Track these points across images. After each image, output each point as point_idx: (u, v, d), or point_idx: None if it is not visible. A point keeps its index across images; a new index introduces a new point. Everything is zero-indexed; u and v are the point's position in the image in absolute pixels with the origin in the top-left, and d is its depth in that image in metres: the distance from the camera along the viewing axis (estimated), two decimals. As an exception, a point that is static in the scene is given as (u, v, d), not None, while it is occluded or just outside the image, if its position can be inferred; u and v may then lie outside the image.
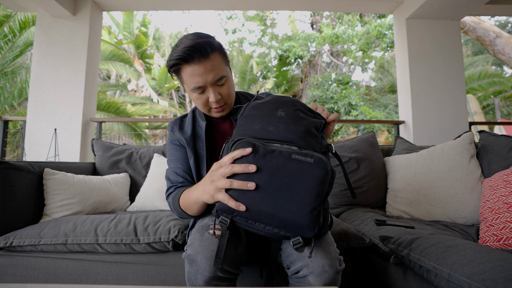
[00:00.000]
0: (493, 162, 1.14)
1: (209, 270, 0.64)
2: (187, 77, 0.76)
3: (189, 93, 0.80)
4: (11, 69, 5.45)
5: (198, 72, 0.74)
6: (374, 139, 1.54)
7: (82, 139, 2.74)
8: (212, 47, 0.74)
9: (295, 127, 0.62)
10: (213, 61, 0.74)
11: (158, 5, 3.11)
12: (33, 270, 1.02)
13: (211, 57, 0.74)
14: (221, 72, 0.76)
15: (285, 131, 0.61)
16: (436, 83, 2.93)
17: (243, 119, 0.69)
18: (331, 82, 8.84)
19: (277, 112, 0.65)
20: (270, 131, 0.62)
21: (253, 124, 0.65)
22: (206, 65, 0.73)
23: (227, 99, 0.81)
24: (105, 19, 9.70)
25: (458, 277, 0.62)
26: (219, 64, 0.76)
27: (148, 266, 1.01)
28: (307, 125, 0.63)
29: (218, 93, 0.78)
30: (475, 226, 1.08)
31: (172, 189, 0.86)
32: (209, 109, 0.82)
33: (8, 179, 1.11)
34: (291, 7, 3.26)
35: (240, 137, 0.64)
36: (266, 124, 0.63)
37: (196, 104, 0.83)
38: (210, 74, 0.74)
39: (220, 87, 0.79)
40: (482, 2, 2.68)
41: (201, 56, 0.72)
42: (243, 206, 0.57)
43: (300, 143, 0.59)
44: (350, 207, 1.43)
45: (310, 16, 10.98)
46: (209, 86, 0.76)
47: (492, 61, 10.13)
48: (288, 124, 0.62)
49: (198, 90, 0.77)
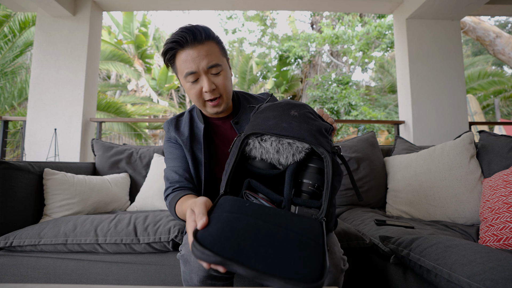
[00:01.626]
0: (493, 162, 1.14)
1: (203, 269, 0.63)
2: (180, 64, 0.73)
3: (183, 83, 0.77)
4: (11, 69, 5.45)
5: (191, 56, 0.72)
6: (374, 139, 1.54)
7: (82, 139, 2.74)
8: (207, 34, 0.73)
9: (307, 125, 0.62)
10: (208, 46, 0.73)
11: (158, 5, 3.12)
12: (33, 270, 1.02)
13: (206, 43, 0.73)
14: (216, 59, 0.74)
15: (298, 128, 0.61)
16: (436, 83, 2.93)
17: (257, 116, 0.69)
18: (331, 82, 8.84)
19: (290, 111, 0.66)
20: (283, 127, 0.61)
21: (266, 120, 0.65)
22: (200, 50, 0.72)
23: (223, 92, 0.78)
24: (105, 19, 9.71)
25: (458, 277, 0.62)
26: (215, 52, 0.74)
27: (148, 266, 1.01)
28: (318, 125, 0.64)
29: (213, 82, 0.75)
30: (475, 226, 1.08)
31: (170, 190, 0.82)
32: (203, 103, 0.79)
33: (8, 179, 1.10)
34: (291, 7, 3.26)
35: (253, 130, 0.63)
36: (280, 121, 0.63)
37: (190, 97, 0.79)
38: (204, 59, 0.72)
39: (215, 77, 0.76)
40: (482, 2, 2.68)
41: (195, 40, 0.71)
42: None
43: (311, 140, 0.59)
44: (350, 207, 1.43)
45: (310, 16, 10.98)
46: (202, 73, 0.73)
47: (492, 61, 10.13)
48: (301, 123, 0.62)
49: (191, 77, 0.73)
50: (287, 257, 0.39)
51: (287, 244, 0.42)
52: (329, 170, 0.56)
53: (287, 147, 0.59)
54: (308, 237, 0.45)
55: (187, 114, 0.90)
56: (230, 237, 0.41)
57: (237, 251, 0.39)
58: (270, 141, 0.60)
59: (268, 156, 0.61)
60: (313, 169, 0.60)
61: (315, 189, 0.59)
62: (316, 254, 0.42)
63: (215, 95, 0.76)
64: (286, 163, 0.60)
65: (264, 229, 0.43)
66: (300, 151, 0.59)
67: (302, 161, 0.60)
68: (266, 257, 0.39)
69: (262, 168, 0.63)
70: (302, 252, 0.41)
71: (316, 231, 0.48)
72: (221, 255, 0.38)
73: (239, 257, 0.38)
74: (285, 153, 0.59)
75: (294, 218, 0.50)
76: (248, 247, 0.40)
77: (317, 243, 0.44)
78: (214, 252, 0.38)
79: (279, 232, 0.43)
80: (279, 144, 0.60)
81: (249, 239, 0.41)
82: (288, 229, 0.45)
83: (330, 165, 0.57)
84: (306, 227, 0.47)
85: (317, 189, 0.59)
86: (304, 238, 0.44)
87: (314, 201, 0.58)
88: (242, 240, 0.41)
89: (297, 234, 0.44)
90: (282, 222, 0.47)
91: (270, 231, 0.43)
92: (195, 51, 0.71)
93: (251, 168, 0.63)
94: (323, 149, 0.58)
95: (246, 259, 0.38)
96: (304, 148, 0.59)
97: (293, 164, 0.60)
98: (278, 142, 0.60)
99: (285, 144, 0.60)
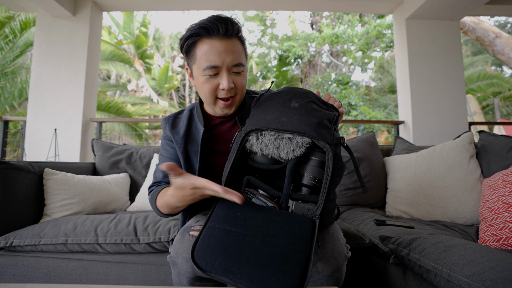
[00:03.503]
0: (493, 162, 1.14)
1: (190, 271, 0.63)
2: (201, 54, 0.67)
3: (196, 75, 0.71)
4: (12, 69, 5.45)
5: (218, 48, 0.66)
6: (374, 139, 1.54)
7: (82, 139, 2.74)
8: (238, 31, 0.69)
9: (308, 118, 0.61)
10: (236, 44, 0.69)
11: (158, 5, 3.12)
12: (33, 270, 1.02)
13: (234, 39, 0.68)
14: (241, 58, 0.69)
15: (298, 122, 0.60)
16: (436, 83, 2.94)
17: (257, 109, 0.68)
18: (331, 82, 8.85)
19: (290, 103, 0.64)
20: (283, 122, 0.61)
21: (266, 114, 0.64)
22: (228, 44, 0.66)
23: (239, 92, 0.73)
24: (105, 19, 9.71)
25: (458, 277, 0.62)
26: (240, 51, 0.70)
27: (148, 266, 1.01)
28: (320, 116, 0.62)
29: (232, 81, 0.70)
30: (474, 226, 1.08)
31: (155, 187, 0.81)
32: (215, 100, 0.72)
33: (8, 179, 1.11)
34: (291, 7, 3.26)
35: (253, 127, 0.62)
36: (280, 115, 0.62)
37: (202, 91, 0.72)
38: (230, 55, 0.67)
39: (236, 76, 0.70)
40: (482, 3, 2.68)
41: (227, 33, 0.66)
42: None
43: (312, 134, 0.58)
44: (350, 207, 1.43)
45: (310, 16, 10.99)
46: (224, 69, 0.68)
47: (491, 61, 10.14)
48: (301, 116, 0.61)
49: (211, 70, 0.67)
50: (269, 272, 0.45)
51: (271, 259, 0.47)
52: (330, 164, 0.56)
53: (287, 142, 0.59)
54: (294, 247, 0.49)
55: (187, 112, 0.84)
56: (220, 255, 0.48)
57: (225, 269, 0.47)
58: (270, 136, 0.60)
59: (269, 152, 0.60)
60: (314, 162, 0.59)
61: (315, 182, 0.58)
62: (299, 266, 0.47)
63: (231, 94, 0.71)
64: (287, 158, 0.59)
65: (250, 244, 0.49)
66: (300, 146, 0.58)
67: (304, 153, 0.59)
68: (250, 274, 0.45)
69: (264, 163, 0.62)
70: (285, 266, 0.46)
71: (306, 235, 0.51)
72: (211, 272, 0.47)
73: (227, 274, 0.46)
74: (285, 149, 0.58)
75: (284, 224, 0.53)
76: (235, 264, 0.47)
77: (302, 253, 0.48)
78: (204, 271, 0.47)
79: (265, 247, 0.49)
80: (278, 139, 0.59)
81: (236, 256, 0.48)
82: (275, 240, 0.50)
83: (331, 159, 0.56)
84: (295, 234, 0.51)
85: (318, 183, 0.58)
86: (290, 249, 0.49)
87: (313, 195, 0.58)
88: (230, 258, 0.47)
89: (282, 247, 0.49)
90: (270, 231, 0.51)
91: (256, 247, 0.49)
92: (223, 45, 0.66)
93: (252, 164, 0.63)
94: (324, 142, 0.57)
95: (232, 276, 0.46)
96: (304, 143, 0.58)
97: (293, 159, 0.59)
98: (278, 137, 0.59)
99: (285, 139, 0.59)
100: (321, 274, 0.63)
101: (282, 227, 0.52)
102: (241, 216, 0.54)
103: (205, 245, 0.50)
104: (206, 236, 0.51)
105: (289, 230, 0.52)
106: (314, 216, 0.54)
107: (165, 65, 9.01)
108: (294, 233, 0.51)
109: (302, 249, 0.49)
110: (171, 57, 10.83)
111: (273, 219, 0.54)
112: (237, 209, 0.55)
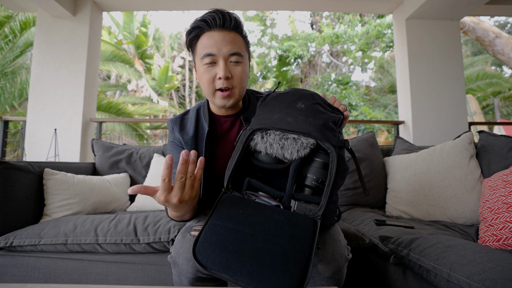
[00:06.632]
0: (493, 162, 1.14)
1: (191, 271, 0.63)
2: (201, 46, 0.70)
3: (198, 66, 0.73)
4: (12, 70, 5.45)
5: (215, 38, 0.69)
6: (374, 139, 1.54)
7: (82, 139, 2.74)
8: (237, 25, 0.71)
9: (314, 120, 0.61)
10: (234, 36, 0.71)
11: (158, 5, 3.12)
12: (33, 270, 1.02)
13: (233, 32, 0.71)
14: (238, 49, 0.71)
15: (303, 123, 0.60)
16: (436, 83, 2.94)
17: (263, 108, 0.68)
18: (331, 82, 8.85)
19: (296, 104, 0.64)
20: (289, 122, 0.61)
21: (272, 114, 0.64)
22: (226, 35, 0.69)
23: (237, 84, 0.74)
24: (105, 19, 9.70)
25: (458, 277, 0.62)
26: (239, 43, 0.72)
27: (148, 266, 1.01)
28: (325, 118, 0.62)
29: (229, 71, 0.71)
30: (474, 226, 1.08)
31: None
32: (213, 91, 0.74)
33: (8, 179, 1.11)
34: (291, 7, 3.26)
35: (259, 126, 0.62)
36: (285, 115, 0.62)
37: (202, 82, 0.74)
38: (227, 45, 0.69)
39: (234, 65, 0.72)
40: (482, 2, 2.68)
41: (224, 25, 0.69)
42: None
43: (317, 135, 0.58)
44: (350, 207, 1.43)
45: (310, 16, 10.99)
46: (221, 58, 0.70)
47: (491, 61, 10.14)
48: (307, 117, 0.61)
49: (208, 58, 0.70)
50: (269, 271, 0.45)
51: (271, 258, 0.47)
52: (334, 166, 0.56)
53: (291, 143, 0.59)
54: (295, 247, 0.49)
55: (194, 112, 0.85)
56: (221, 252, 0.48)
57: (226, 266, 0.46)
58: (275, 136, 0.60)
59: (273, 151, 0.60)
60: (318, 163, 0.59)
61: (318, 184, 0.58)
62: (299, 267, 0.46)
63: (228, 85, 0.72)
64: (291, 158, 0.59)
65: (252, 243, 0.49)
66: (305, 147, 0.58)
67: (308, 154, 0.59)
68: (250, 272, 0.45)
69: (268, 162, 0.62)
70: (285, 265, 0.46)
71: (307, 236, 0.51)
72: (212, 269, 0.47)
73: (227, 271, 0.46)
74: (289, 149, 0.59)
75: (286, 223, 0.52)
76: (236, 262, 0.46)
77: (303, 253, 0.48)
78: (204, 267, 0.47)
79: (265, 246, 0.49)
80: (283, 139, 0.59)
81: (237, 254, 0.47)
82: (276, 239, 0.50)
83: (335, 161, 0.56)
84: (296, 234, 0.51)
85: (321, 184, 0.58)
86: (290, 249, 0.48)
87: (316, 196, 0.58)
88: (231, 255, 0.47)
89: (282, 247, 0.48)
90: (272, 230, 0.51)
91: (257, 245, 0.49)
92: (221, 35, 0.69)
93: (256, 162, 0.63)
94: (329, 144, 0.57)
95: (233, 273, 0.46)
96: (309, 144, 0.58)
97: (297, 159, 0.59)
98: (283, 137, 0.59)
99: (290, 139, 0.59)
100: (322, 275, 0.63)
101: (284, 227, 0.52)
102: (243, 214, 0.54)
103: (206, 242, 0.50)
104: (208, 233, 0.51)
105: (291, 229, 0.51)
106: (316, 217, 0.54)
107: (165, 65, 9.01)
108: (296, 233, 0.51)
109: (302, 249, 0.49)
110: (171, 57, 10.83)
111: (275, 218, 0.53)
112: (239, 207, 0.55)
